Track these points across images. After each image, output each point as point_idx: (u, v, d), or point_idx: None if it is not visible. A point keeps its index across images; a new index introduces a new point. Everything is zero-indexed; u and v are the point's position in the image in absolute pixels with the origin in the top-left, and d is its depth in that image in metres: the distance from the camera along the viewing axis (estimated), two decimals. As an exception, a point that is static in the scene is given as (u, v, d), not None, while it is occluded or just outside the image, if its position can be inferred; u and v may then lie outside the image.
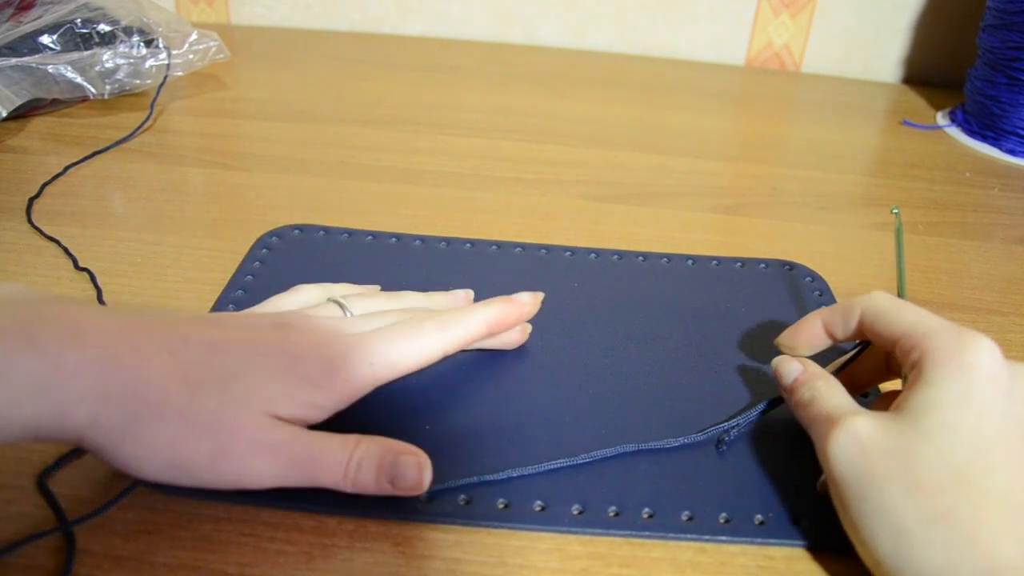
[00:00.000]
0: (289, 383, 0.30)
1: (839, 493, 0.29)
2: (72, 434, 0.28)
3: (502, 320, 0.36)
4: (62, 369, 0.27)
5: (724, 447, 0.35)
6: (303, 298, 0.38)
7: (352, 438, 0.31)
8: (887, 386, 0.38)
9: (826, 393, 0.32)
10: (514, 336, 0.39)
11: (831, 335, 0.35)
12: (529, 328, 0.40)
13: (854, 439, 0.29)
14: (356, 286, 0.40)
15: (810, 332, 0.35)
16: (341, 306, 0.36)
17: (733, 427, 0.35)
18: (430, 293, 0.40)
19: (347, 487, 0.30)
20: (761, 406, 0.35)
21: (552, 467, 0.33)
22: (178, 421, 0.28)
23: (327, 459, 0.30)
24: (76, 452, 0.32)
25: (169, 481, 0.29)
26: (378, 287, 0.41)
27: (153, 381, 0.28)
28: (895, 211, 0.39)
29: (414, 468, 0.30)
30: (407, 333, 0.33)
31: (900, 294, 0.36)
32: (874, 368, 0.36)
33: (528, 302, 0.37)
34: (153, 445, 0.28)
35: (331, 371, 0.31)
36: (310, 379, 0.30)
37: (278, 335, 0.31)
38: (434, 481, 0.32)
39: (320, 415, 0.31)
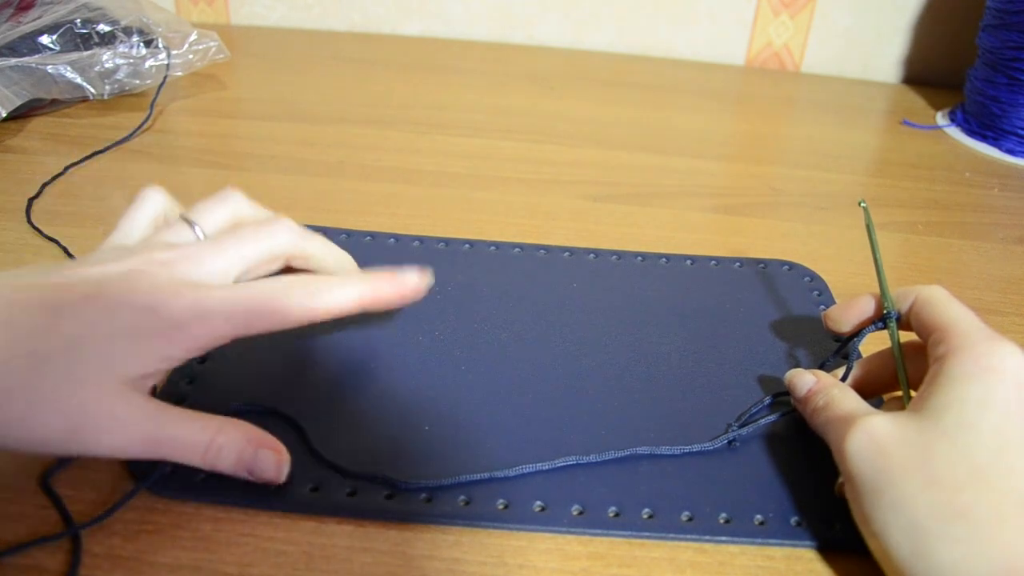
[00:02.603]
0: (140, 340, 0.29)
1: (855, 490, 0.29)
2: None
3: (377, 300, 0.33)
4: None
5: (737, 444, 0.35)
6: (150, 211, 0.35)
7: (214, 422, 0.30)
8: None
9: (840, 397, 0.32)
10: (395, 298, 0.35)
11: (879, 314, 0.36)
12: (424, 284, 0.35)
13: (871, 437, 0.29)
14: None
15: (860, 308, 0.36)
16: (191, 224, 0.33)
17: (746, 429, 0.35)
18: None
19: (205, 468, 0.30)
20: (777, 415, 0.36)
21: (562, 465, 0.33)
22: (23, 400, 0.27)
23: (185, 441, 0.29)
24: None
25: (31, 452, 0.28)
26: (238, 193, 0.37)
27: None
28: (863, 204, 0.39)
29: (272, 463, 0.30)
30: (272, 296, 0.31)
31: (881, 288, 0.36)
32: (884, 375, 0.36)
33: (411, 282, 0.34)
34: (5, 424, 0.27)
35: (184, 324, 0.29)
36: (162, 332, 0.29)
37: (126, 285, 0.29)
38: (434, 480, 0.32)
39: (174, 364, 0.30)
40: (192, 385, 0.36)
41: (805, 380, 0.35)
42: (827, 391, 0.33)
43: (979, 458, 0.27)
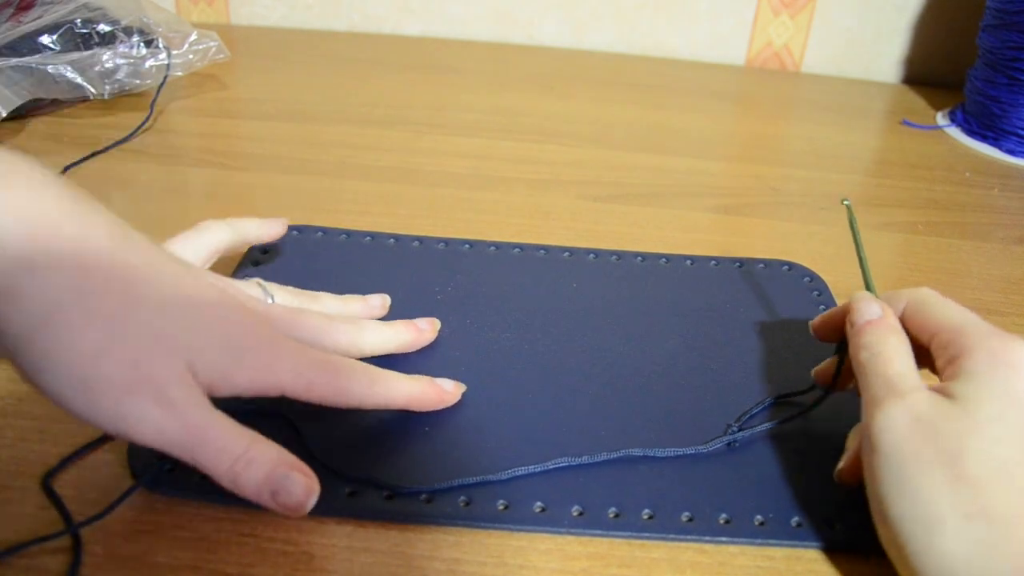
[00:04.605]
0: (221, 346, 0.29)
1: (877, 465, 0.28)
2: None
3: (422, 402, 0.34)
4: None
5: (736, 444, 0.35)
6: (211, 238, 0.38)
7: (250, 434, 0.29)
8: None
9: (893, 353, 0.31)
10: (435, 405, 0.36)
11: None
12: (460, 392, 0.36)
13: (911, 417, 0.28)
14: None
15: (842, 314, 0.35)
16: (263, 289, 0.36)
17: (744, 432, 0.35)
18: (347, 297, 0.40)
19: (225, 480, 0.28)
20: (776, 422, 0.35)
21: (554, 467, 0.33)
22: (108, 329, 0.26)
23: (221, 442, 0.28)
24: (79, 452, 0.32)
25: (59, 400, 0.26)
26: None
27: (99, 264, 0.25)
28: (846, 203, 0.39)
29: (302, 488, 0.29)
30: (337, 371, 0.32)
31: (868, 287, 0.35)
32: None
33: (450, 392, 0.35)
34: (70, 349, 0.25)
35: (260, 357, 0.30)
36: (238, 354, 0.29)
37: (228, 298, 0.31)
38: (434, 482, 0.32)
39: (226, 391, 0.30)
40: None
41: (870, 310, 0.33)
42: (885, 335, 0.31)
43: (1005, 454, 0.27)
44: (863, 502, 0.32)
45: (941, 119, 0.75)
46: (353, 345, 0.36)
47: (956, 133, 0.72)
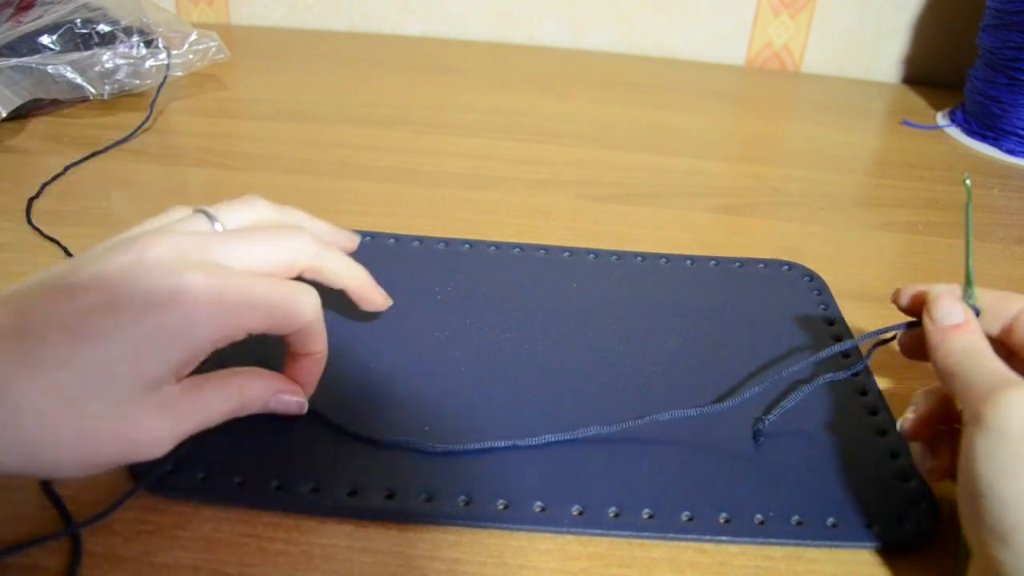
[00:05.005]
0: (161, 339, 0.27)
1: (986, 444, 0.26)
2: None
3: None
4: None
5: (761, 438, 0.35)
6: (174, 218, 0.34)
7: (235, 386, 0.31)
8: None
9: (992, 355, 0.29)
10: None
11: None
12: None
13: None
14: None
15: (923, 295, 0.33)
16: (209, 217, 0.32)
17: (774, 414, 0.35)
18: (318, 221, 0.38)
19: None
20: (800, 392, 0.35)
21: (580, 436, 0.34)
22: (75, 443, 0.27)
23: (220, 410, 0.31)
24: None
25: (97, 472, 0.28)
26: (262, 199, 0.36)
27: (32, 411, 0.26)
28: (967, 181, 0.35)
29: (294, 405, 0.33)
30: (289, 292, 0.31)
31: (968, 279, 0.33)
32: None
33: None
34: (66, 465, 0.27)
35: (204, 313, 0.28)
36: (184, 328, 0.28)
37: (139, 282, 0.28)
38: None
39: (204, 354, 0.29)
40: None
41: (954, 311, 0.31)
42: (979, 339, 0.30)
43: None
44: (862, 500, 0.32)
45: (941, 119, 0.75)
46: (314, 260, 0.34)
47: (956, 133, 0.72)
